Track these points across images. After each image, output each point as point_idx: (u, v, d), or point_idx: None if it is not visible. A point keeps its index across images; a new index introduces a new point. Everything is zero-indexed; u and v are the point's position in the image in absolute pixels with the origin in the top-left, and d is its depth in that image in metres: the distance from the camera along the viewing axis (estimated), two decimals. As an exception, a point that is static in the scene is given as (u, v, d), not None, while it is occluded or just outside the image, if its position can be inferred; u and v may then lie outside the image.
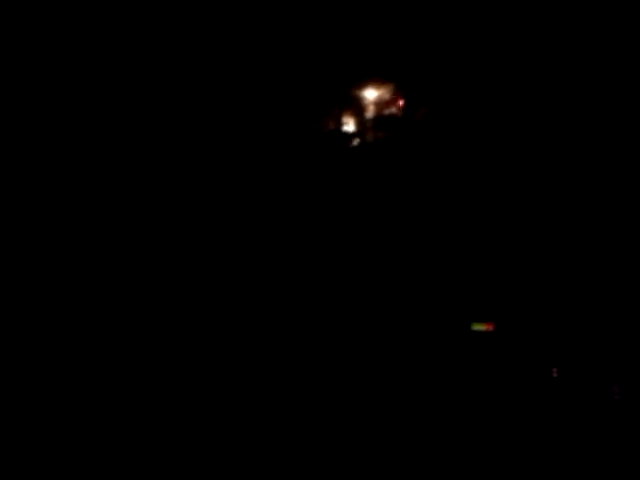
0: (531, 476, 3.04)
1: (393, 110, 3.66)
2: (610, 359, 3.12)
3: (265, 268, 3.38)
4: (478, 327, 3.19)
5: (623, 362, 3.11)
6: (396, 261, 3.38)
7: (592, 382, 3.10)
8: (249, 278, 3.40)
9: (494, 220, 3.44)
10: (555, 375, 3.14)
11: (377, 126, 3.62)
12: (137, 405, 3.17)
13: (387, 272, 3.40)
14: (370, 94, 3.66)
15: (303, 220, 3.44)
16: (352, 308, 3.32)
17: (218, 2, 3.48)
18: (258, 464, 3.02)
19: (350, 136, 3.60)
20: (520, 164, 3.48)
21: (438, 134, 3.61)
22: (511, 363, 3.19)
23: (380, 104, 3.67)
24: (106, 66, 3.42)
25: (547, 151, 3.48)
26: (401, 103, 3.66)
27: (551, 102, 3.54)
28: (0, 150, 3.26)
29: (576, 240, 3.35)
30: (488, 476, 3.08)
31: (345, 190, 3.54)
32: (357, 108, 3.65)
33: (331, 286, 3.43)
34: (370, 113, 3.65)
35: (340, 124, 3.60)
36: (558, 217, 3.41)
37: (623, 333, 3.15)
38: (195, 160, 3.43)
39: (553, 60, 3.56)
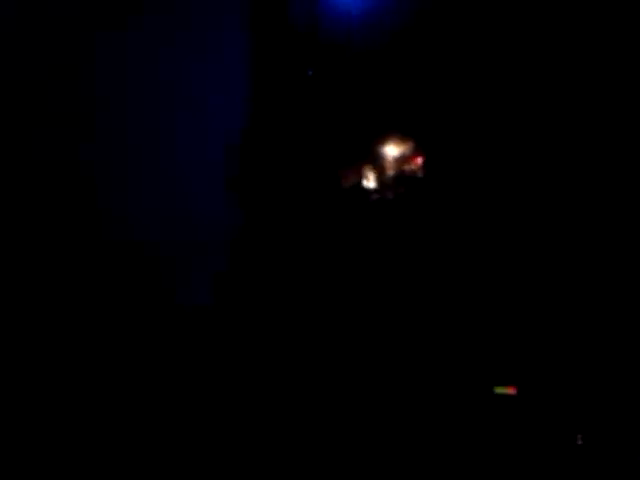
0: None
1: (413, 167, 3.68)
2: (638, 427, 3.03)
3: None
4: (500, 391, 3.13)
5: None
6: (414, 320, 3.34)
7: (617, 450, 3.01)
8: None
9: (517, 279, 3.41)
10: (580, 442, 3.05)
11: (397, 182, 3.63)
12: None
13: (405, 333, 3.36)
14: (391, 150, 3.68)
15: (320, 273, 3.42)
16: (366, 375, 3.26)
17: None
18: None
19: (370, 192, 3.61)
20: (544, 223, 3.47)
21: (457, 191, 3.61)
22: (534, 428, 3.11)
23: (400, 161, 3.69)
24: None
25: (570, 213, 3.47)
26: (420, 160, 3.67)
27: (574, 166, 3.55)
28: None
29: (602, 300, 3.31)
30: None
31: (365, 245, 3.52)
32: (377, 164, 3.66)
33: (337, 346, 3.38)
34: (390, 169, 3.67)
35: (360, 180, 3.61)
36: (582, 279, 3.37)
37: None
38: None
39: (576, 121, 3.59)
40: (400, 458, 3.10)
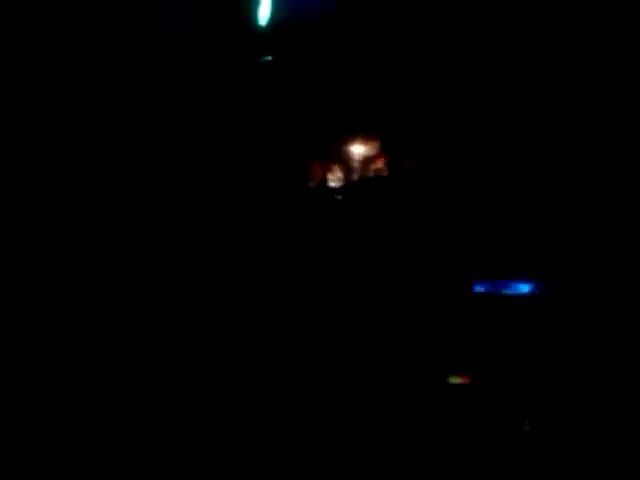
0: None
1: (379, 165, 3.80)
2: (581, 415, 3.21)
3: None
4: (454, 380, 3.30)
5: (594, 417, 3.20)
6: (377, 316, 3.48)
7: (561, 436, 3.20)
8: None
9: (471, 277, 3.55)
10: (527, 428, 3.24)
11: (362, 181, 3.74)
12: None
13: (368, 326, 3.49)
14: (356, 149, 3.79)
15: (289, 274, 3.55)
16: (329, 359, 3.41)
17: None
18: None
19: (335, 191, 3.73)
20: (510, 220, 3.56)
21: (424, 190, 3.71)
22: (485, 415, 3.28)
23: (365, 160, 3.81)
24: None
25: (541, 210, 3.55)
26: (386, 159, 3.78)
27: (541, 159, 3.62)
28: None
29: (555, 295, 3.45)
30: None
31: (332, 243, 3.66)
32: (343, 163, 3.78)
33: (308, 330, 3.51)
34: (355, 168, 3.79)
35: (325, 179, 3.73)
36: (542, 279, 3.49)
37: (597, 388, 3.25)
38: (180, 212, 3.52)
39: (543, 118, 3.65)
40: (362, 440, 3.26)
